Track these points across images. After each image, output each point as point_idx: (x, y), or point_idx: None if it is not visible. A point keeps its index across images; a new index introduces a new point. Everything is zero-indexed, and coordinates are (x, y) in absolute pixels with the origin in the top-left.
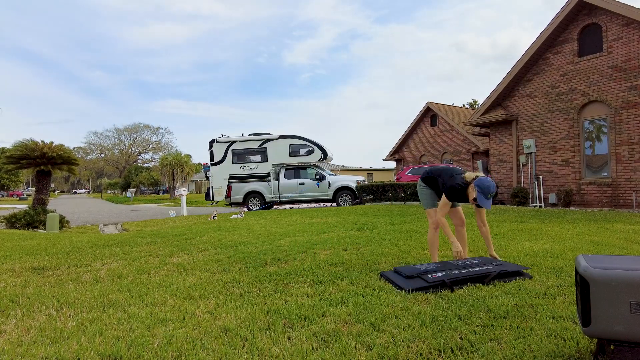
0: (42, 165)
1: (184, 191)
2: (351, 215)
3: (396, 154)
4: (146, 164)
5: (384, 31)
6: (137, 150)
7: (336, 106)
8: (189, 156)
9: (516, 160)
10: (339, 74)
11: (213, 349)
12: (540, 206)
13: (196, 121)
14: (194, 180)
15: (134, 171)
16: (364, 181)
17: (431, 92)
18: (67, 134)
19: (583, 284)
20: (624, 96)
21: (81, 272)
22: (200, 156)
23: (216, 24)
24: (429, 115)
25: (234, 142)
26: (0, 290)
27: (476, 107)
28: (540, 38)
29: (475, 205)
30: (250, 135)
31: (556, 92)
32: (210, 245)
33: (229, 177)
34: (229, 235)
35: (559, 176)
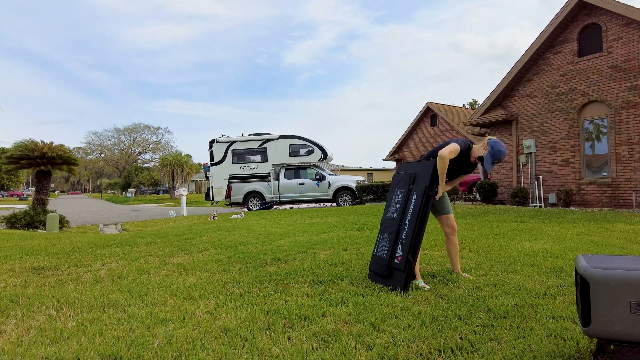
0: (42, 165)
1: (183, 191)
2: (351, 216)
3: (396, 154)
4: (146, 164)
5: (384, 31)
6: (137, 151)
7: (336, 106)
8: (188, 156)
9: (516, 160)
10: (338, 74)
11: (213, 349)
12: (540, 206)
13: (196, 121)
14: (194, 181)
15: (133, 171)
16: (364, 181)
17: (430, 92)
18: (67, 134)
19: (583, 284)
20: (624, 96)
21: (81, 272)
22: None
23: (216, 24)
24: (429, 115)
25: (234, 142)
26: (0, 290)
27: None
28: (540, 38)
29: (477, 160)
30: (250, 135)
31: (556, 92)
32: (210, 245)
33: (229, 177)
34: (229, 236)
35: (558, 176)
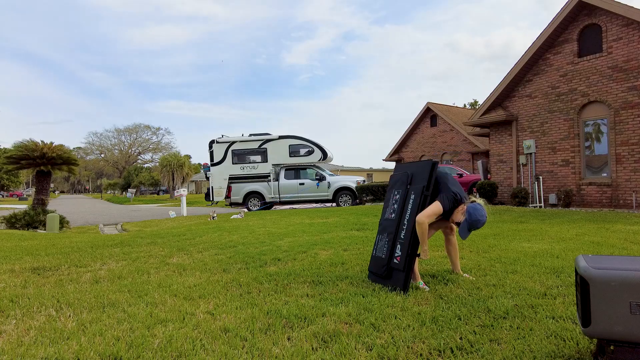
0: (42, 165)
1: (183, 191)
2: (351, 216)
3: (396, 154)
4: (146, 165)
5: (382, 32)
6: (137, 151)
7: (335, 106)
8: (188, 156)
9: (516, 161)
10: (337, 75)
11: (213, 350)
12: (540, 206)
13: (196, 122)
14: (193, 181)
15: (133, 171)
16: (364, 181)
17: (429, 92)
18: (67, 134)
19: (583, 285)
20: (624, 96)
21: (81, 273)
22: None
23: (215, 25)
24: (429, 115)
25: (234, 143)
26: (0, 291)
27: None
28: (540, 38)
29: (454, 224)
30: (250, 135)
31: (556, 92)
32: (210, 245)
33: (229, 178)
34: (229, 236)
35: (559, 176)
